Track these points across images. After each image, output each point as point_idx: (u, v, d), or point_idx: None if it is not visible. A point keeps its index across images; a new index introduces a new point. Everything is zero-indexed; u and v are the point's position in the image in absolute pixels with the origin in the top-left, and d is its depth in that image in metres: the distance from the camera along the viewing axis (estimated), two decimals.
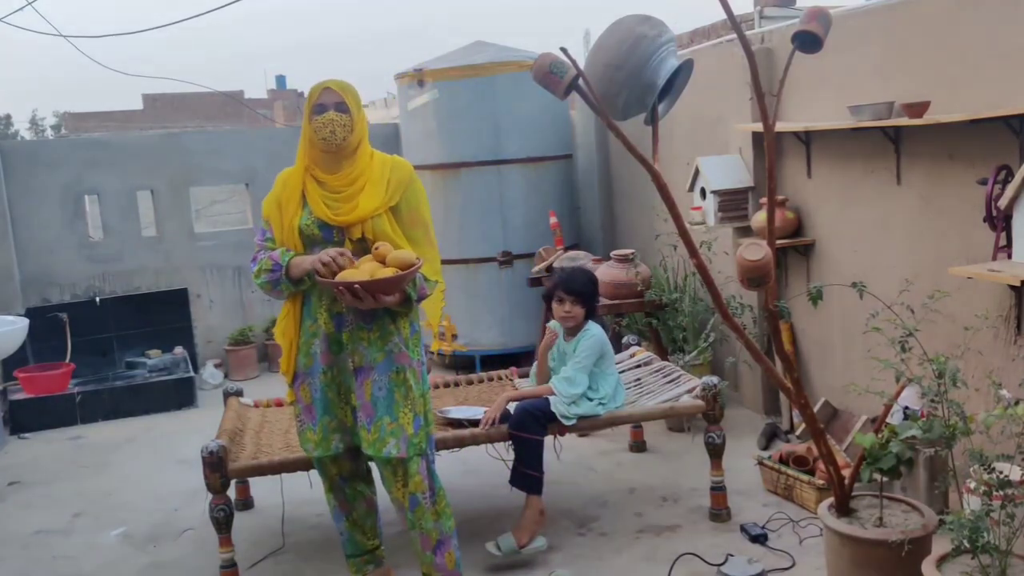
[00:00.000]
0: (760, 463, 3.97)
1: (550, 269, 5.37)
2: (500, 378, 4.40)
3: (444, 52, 6.47)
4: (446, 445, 3.45)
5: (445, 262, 3.46)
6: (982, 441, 2.56)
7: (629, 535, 3.62)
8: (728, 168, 4.75)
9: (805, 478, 3.69)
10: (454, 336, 6.17)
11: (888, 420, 2.95)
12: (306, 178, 2.88)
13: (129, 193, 6.82)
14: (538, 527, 3.46)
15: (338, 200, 2.84)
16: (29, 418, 5.81)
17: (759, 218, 4.42)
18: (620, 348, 4.52)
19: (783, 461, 3.86)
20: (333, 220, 2.83)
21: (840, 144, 4.10)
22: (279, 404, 4.15)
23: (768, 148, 2.83)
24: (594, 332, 3.67)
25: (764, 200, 3.71)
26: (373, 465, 3.08)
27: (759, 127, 3.93)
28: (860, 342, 3.85)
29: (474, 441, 3.49)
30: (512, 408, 3.55)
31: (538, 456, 3.46)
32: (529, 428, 3.44)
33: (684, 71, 2.89)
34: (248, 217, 7.23)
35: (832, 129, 3.95)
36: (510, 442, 3.49)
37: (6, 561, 3.85)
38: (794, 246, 4.46)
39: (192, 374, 6.31)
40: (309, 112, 2.84)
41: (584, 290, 3.71)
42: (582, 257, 5.47)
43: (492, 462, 3.85)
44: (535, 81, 2.67)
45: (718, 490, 3.69)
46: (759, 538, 3.45)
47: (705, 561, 3.30)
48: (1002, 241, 3.13)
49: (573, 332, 3.72)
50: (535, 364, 3.90)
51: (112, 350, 6.61)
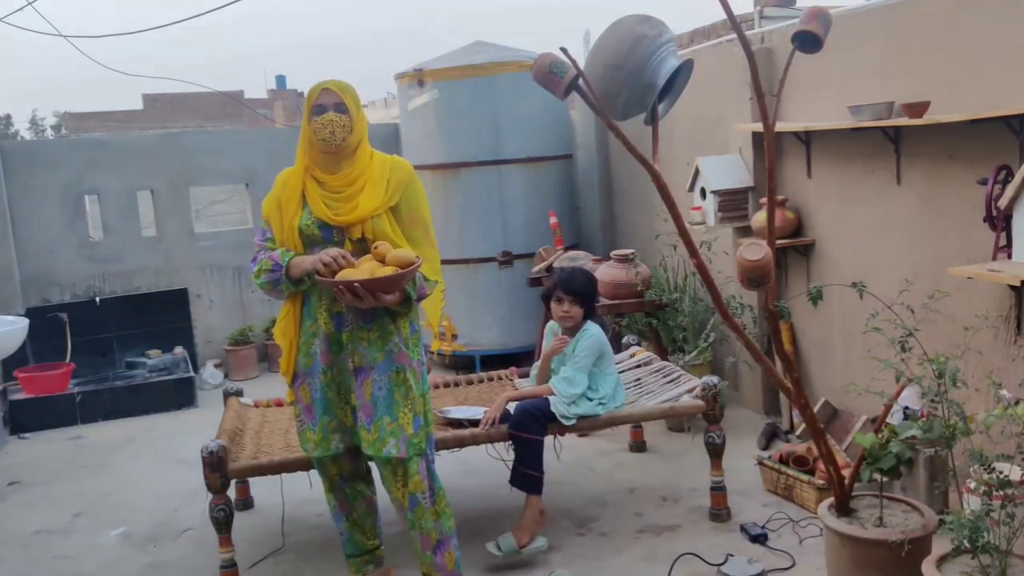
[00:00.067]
0: (760, 463, 3.97)
1: (550, 269, 5.37)
2: (500, 378, 4.40)
3: (444, 52, 6.47)
4: (446, 445, 3.45)
5: (445, 262, 3.46)
6: (982, 441, 2.56)
7: (629, 535, 3.62)
8: (728, 168, 4.75)
9: (805, 478, 3.69)
10: (454, 336, 6.17)
11: (888, 420, 2.95)
12: (306, 178, 2.89)
13: (129, 193, 6.82)
14: (538, 527, 3.45)
15: (338, 200, 2.84)
16: (29, 418, 5.82)
17: (759, 218, 4.42)
18: (620, 348, 4.52)
19: (783, 461, 3.86)
20: (333, 220, 2.83)
21: (840, 144, 4.10)
22: (279, 404, 4.16)
23: (768, 148, 2.83)
24: (593, 332, 3.67)
25: (764, 200, 3.71)
26: (373, 465, 3.08)
27: (759, 127, 3.93)
28: (860, 342, 3.85)
29: (474, 441, 3.49)
30: (512, 408, 3.55)
31: (538, 456, 3.46)
32: (529, 428, 3.44)
33: (684, 71, 2.89)
34: (248, 217, 7.23)
35: (832, 129, 3.95)
36: (510, 442, 3.49)
37: (6, 561, 3.85)
38: (794, 246, 4.46)
39: (192, 374, 6.31)
40: (308, 113, 2.84)
41: (583, 290, 3.70)
42: (582, 257, 5.47)
43: (492, 462, 3.86)
44: (535, 81, 2.67)
45: (718, 490, 3.69)
46: (759, 538, 3.45)
47: (705, 561, 3.30)
48: (1002, 241, 3.12)
49: (572, 332, 3.72)
50: (535, 364, 3.90)
51: (112, 350, 6.61)
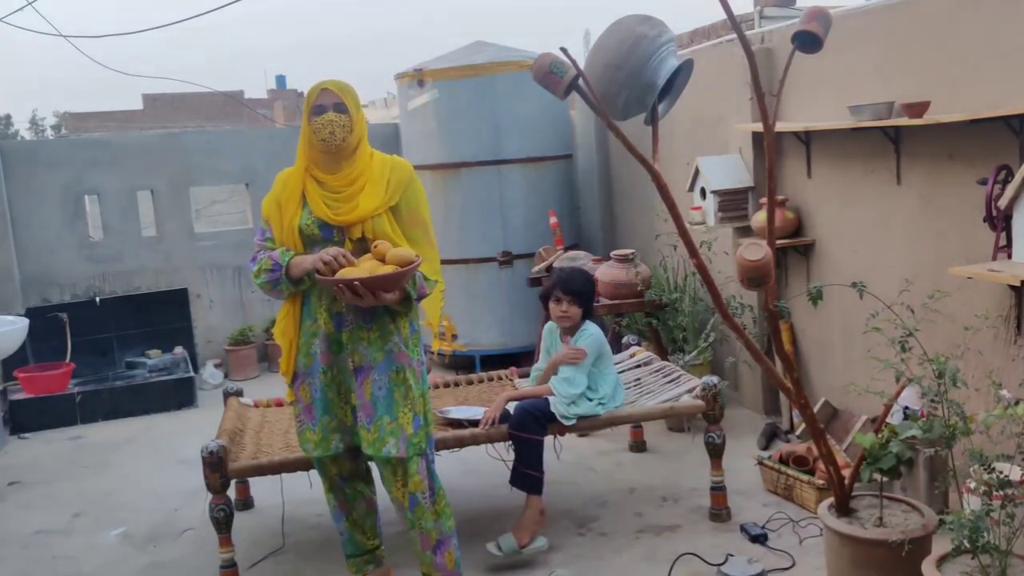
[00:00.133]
0: (760, 463, 3.97)
1: (550, 269, 5.37)
2: (500, 378, 4.39)
3: (444, 52, 6.47)
4: (446, 445, 3.45)
5: (445, 262, 3.46)
6: (982, 441, 2.56)
7: (629, 535, 3.62)
8: (728, 168, 4.74)
9: (805, 478, 3.69)
10: (454, 336, 6.16)
11: (888, 420, 2.95)
12: (306, 178, 2.89)
13: (129, 193, 6.82)
14: (539, 527, 3.45)
15: (338, 200, 2.84)
16: (29, 418, 5.82)
17: (759, 218, 4.42)
18: (620, 348, 4.52)
19: (783, 461, 3.86)
20: (333, 220, 2.83)
21: (840, 144, 4.10)
22: (279, 404, 4.16)
23: (768, 148, 2.83)
24: (592, 332, 3.66)
25: (764, 200, 3.71)
26: (373, 465, 3.09)
27: (759, 127, 3.93)
28: (860, 342, 3.85)
29: (474, 441, 3.49)
30: (512, 408, 3.55)
31: (538, 456, 3.46)
32: (529, 428, 3.44)
33: (684, 71, 2.89)
34: (248, 217, 7.23)
35: (832, 129, 3.95)
36: (510, 442, 3.49)
37: (6, 561, 3.85)
38: (794, 246, 4.46)
39: (192, 374, 6.31)
40: (308, 113, 2.84)
41: (582, 290, 3.70)
42: (582, 257, 5.47)
43: (492, 462, 3.85)
44: (535, 81, 2.67)
45: (718, 490, 3.69)
46: (759, 538, 3.45)
47: (705, 561, 3.30)
48: (1002, 241, 3.12)
49: (571, 332, 3.71)
50: (535, 366, 3.90)
51: (112, 350, 6.61)
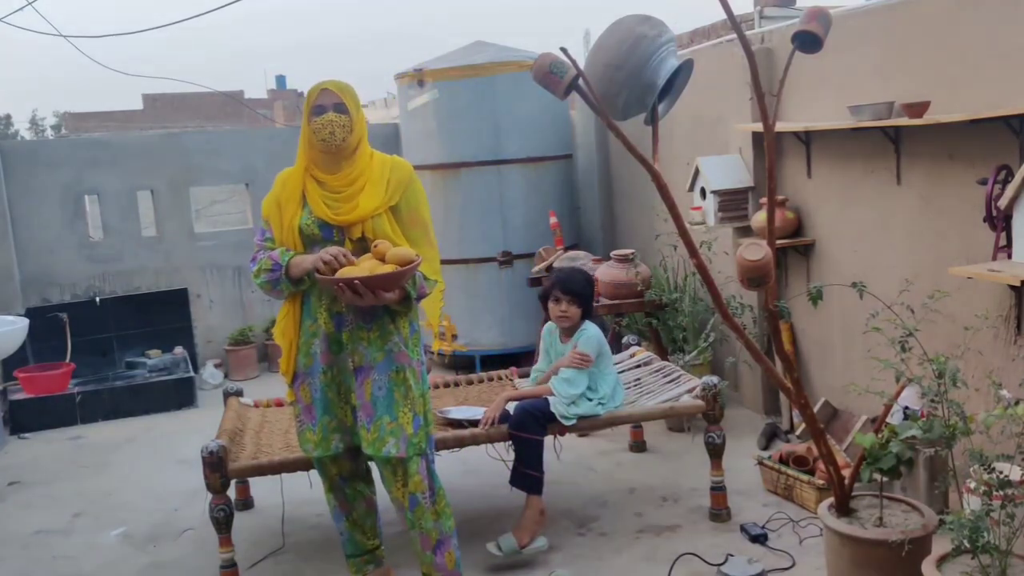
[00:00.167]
0: (760, 463, 3.97)
1: (550, 269, 5.37)
2: (500, 378, 4.39)
3: (444, 52, 6.47)
4: (446, 445, 3.45)
5: (445, 262, 3.46)
6: (982, 441, 2.56)
7: (629, 535, 3.62)
8: (728, 168, 4.74)
9: (805, 478, 3.69)
10: (454, 336, 6.16)
11: (888, 420, 2.95)
12: (306, 178, 2.89)
13: (129, 193, 6.82)
14: (539, 527, 3.45)
15: (338, 200, 2.84)
16: (29, 418, 5.81)
17: (759, 218, 4.42)
18: (620, 348, 4.52)
19: (783, 461, 3.86)
20: (333, 220, 2.83)
21: (840, 144, 4.10)
22: (279, 404, 4.16)
23: (768, 148, 2.83)
24: (591, 332, 3.66)
25: (764, 200, 3.71)
26: (373, 465, 3.09)
27: (759, 127, 3.93)
28: (860, 342, 3.85)
29: (474, 441, 3.49)
30: (511, 408, 3.55)
31: (538, 456, 3.46)
32: (529, 428, 3.44)
33: (684, 71, 2.89)
34: (248, 217, 7.23)
35: (832, 129, 3.95)
36: (510, 442, 3.49)
37: (6, 561, 3.85)
38: (794, 246, 4.46)
39: (192, 374, 6.31)
40: (308, 113, 2.84)
41: (581, 290, 3.69)
42: (582, 257, 5.47)
43: (492, 462, 3.85)
44: (535, 81, 2.67)
45: (718, 490, 3.69)
46: (759, 538, 3.45)
47: (705, 561, 3.30)
48: (1002, 241, 3.12)
49: (570, 333, 3.71)
50: (535, 367, 3.90)
51: (112, 350, 6.61)
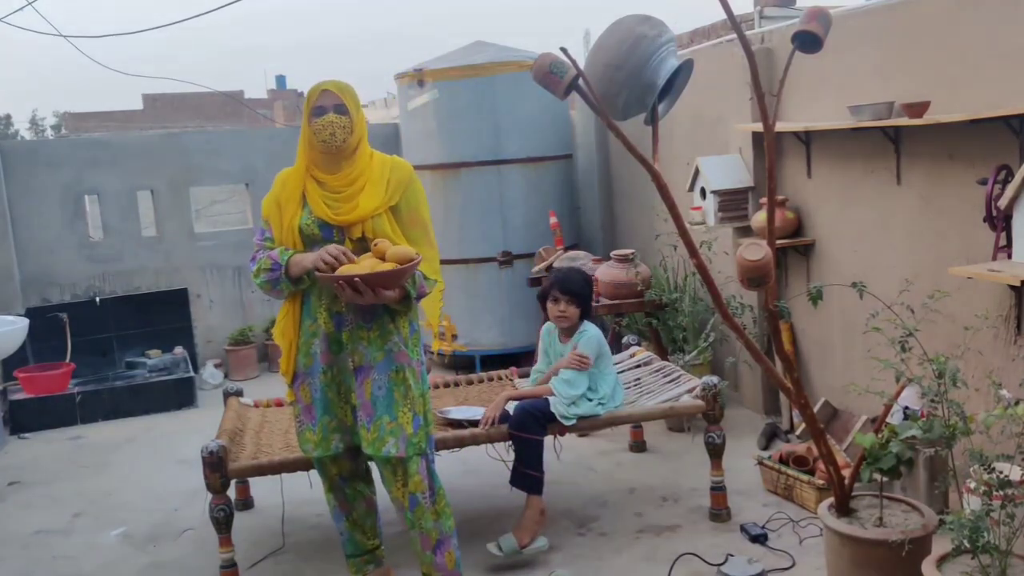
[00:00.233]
0: (760, 463, 3.97)
1: (550, 269, 5.37)
2: (500, 378, 4.39)
3: (444, 52, 6.47)
4: (446, 445, 3.45)
5: (445, 262, 3.46)
6: (982, 441, 2.56)
7: (629, 535, 3.62)
8: (728, 168, 4.74)
9: (805, 478, 3.69)
10: (454, 336, 6.16)
11: (888, 420, 2.95)
12: (306, 178, 2.89)
13: (129, 193, 6.82)
14: (539, 527, 3.45)
15: (338, 200, 2.84)
16: (29, 418, 5.81)
17: (759, 218, 4.42)
18: (620, 348, 4.52)
19: (783, 461, 3.86)
20: (334, 220, 2.83)
21: (840, 144, 4.10)
22: (279, 404, 4.15)
23: (768, 148, 2.83)
24: (591, 332, 3.66)
25: (764, 200, 3.71)
26: (373, 465, 3.09)
27: (759, 127, 3.93)
28: (860, 342, 3.85)
29: (474, 441, 3.49)
30: (511, 408, 3.55)
31: (538, 456, 3.46)
32: (529, 428, 3.44)
33: (684, 71, 2.89)
34: (248, 217, 7.23)
35: (832, 129, 3.95)
36: (510, 442, 3.49)
37: (6, 561, 3.85)
38: (794, 246, 4.46)
39: (192, 374, 6.31)
40: (308, 114, 2.84)
41: (579, 290, 3.69)
42: (582, 257, 5.47)
43: (492, 462, 3.85)
44: (535, 81, 2.67)
45: (718, 490, 3.69)
46: (759, 538, 3.45)
47: (705, 561, 3.30)
48: (1002, 241, 3.12)
49: (569, 333, 3.71)
50: (535, 368, 3.89)
51: (112, 350, 6.61)
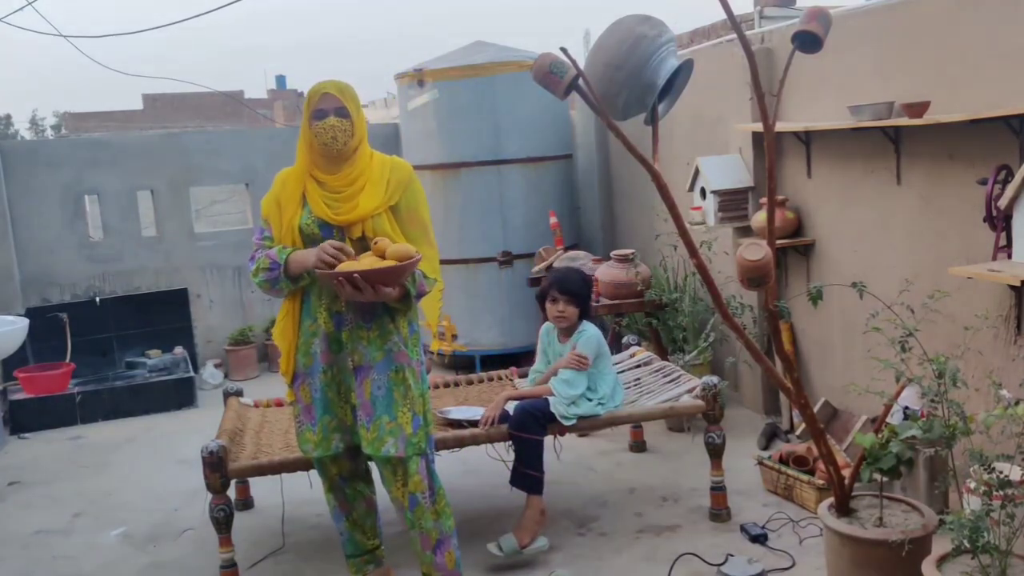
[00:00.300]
0: (760, 463, 3.97)
1: (550, 269, 5.37)
2: (500, 378, 4.39)
3: (444, 52, 6.47)
4: (446, 445, 3.45)
5: (445, 262, 3.46)
6: (982, 441, 2.56)
7: (629, 535, 3.62)
8: (728, 168, 4.75)
9: (805, 478, 3.69)
10: (454, 336, 6.16)
11: (888, 420, 2.95)
12: (306, 178, 2.89)
13: (129, 193, 6.82)
14: (539, 527, 3.45)
15: (338, 200, 2.85)
16: (29, 418, 5.81)
17: (759, 218, 4.42)
18: (620, 348, 4.52)
19: (783, 461, 3.86)
20: (333, 220, 2.83)
21: (840, 144, 4.10)
22: (279, 404, 4.16)
23: (768, 148, 2.83)
24: (590, 332, 3.66)
25: (764, 200, 3.71)
26: (373, 465, 3.09)
27: (759, 127, 3.93)
28: (860, 342, 3.85)
29: (474, 441, 3.49)
30: (511, 408, 3.55)
31: (538, 456, 3.46)
32: (529, 428, 3.44)
33: (684, 71, 2.89)
34: (248, 217, 7.23)
35: (832, 129, 3.95)
36: (510, 442, 3.49)
37: (6, 561, 3.85)
38: (794, 246, 4.46)
39: (192, 374, 6.31)
40: (308, 116, 2.84)
41: (578, 290, 3.69)
42: (582, 257, 5.47)
43: (492, 462, 3.85)
44: (535, 81, 2.67)
45: (718, 490, 3.69)
46: (759, 538, 3.45)
47: (705, 561, 3.30)
48: (1002, 241, 3.12)
49: (568, 333, 3.71)
50: (535, 368, 3.89)
51: (112, 350, 6.61)
